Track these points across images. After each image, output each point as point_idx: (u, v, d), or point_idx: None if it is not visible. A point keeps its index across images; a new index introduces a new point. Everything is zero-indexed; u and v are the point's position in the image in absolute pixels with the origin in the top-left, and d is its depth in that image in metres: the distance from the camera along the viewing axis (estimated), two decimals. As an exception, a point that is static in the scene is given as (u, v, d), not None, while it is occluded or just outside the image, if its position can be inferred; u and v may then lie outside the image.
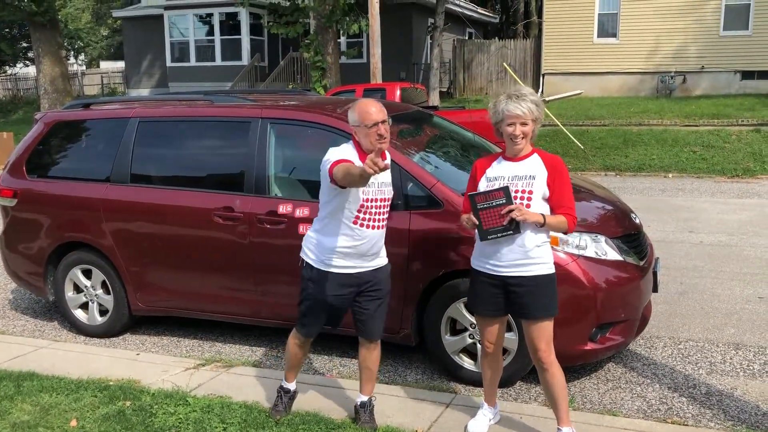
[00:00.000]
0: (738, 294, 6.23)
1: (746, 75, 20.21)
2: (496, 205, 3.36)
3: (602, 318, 4.29)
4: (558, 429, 3.59)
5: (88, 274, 5.61)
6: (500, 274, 3.49)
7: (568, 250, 4.25)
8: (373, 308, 3.79)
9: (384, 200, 3.71)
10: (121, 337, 5.67)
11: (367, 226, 3.65)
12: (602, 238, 4.42)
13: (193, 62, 25.33)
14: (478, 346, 4.33)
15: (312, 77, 19.28)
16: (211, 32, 25.25)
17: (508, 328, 4.22)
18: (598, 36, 21.52)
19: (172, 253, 5.19)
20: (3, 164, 9.28)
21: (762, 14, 19.78)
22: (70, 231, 5.54)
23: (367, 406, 3.94)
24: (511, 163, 3.51)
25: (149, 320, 5.80)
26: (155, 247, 5.23)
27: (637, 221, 5.07)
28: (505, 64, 20.75)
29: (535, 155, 3.50)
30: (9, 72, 39.97)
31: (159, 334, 5.72)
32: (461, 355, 4.53)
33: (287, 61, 23.60)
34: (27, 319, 6.26)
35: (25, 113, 29.31)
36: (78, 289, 5.68)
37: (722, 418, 4.05)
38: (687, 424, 3.97)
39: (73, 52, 45.32)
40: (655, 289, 4.85)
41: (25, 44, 34.99)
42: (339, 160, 3.50)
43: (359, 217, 3.64)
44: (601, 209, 5.00)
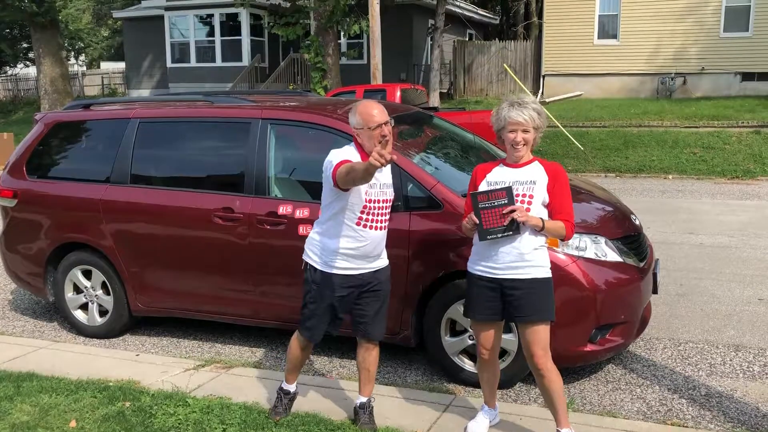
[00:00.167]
0: (738, 295, 6.22)
1: (746, 76, 20.22)
2: (497, 205, 3.37)
3: (602, 319, 4.29)
4: (557, 431, 3.59)
5: (88, 274, 5.62)
6: (497, 277, 3.50)
7: (568, 251, 4.26)
8: (374, 309, 3.80)
9: (386, 201, 3.72)
10: (121, 337, 5.67)
11: (370, 227, 3.66)
12: (602, 240, 4.42)
13: (194, 63, 25.34)
14: (478, 347, 4.33)
15: (312, 78, 19.29)
16: (211, 33, 25.25)
17: (508, 330, 4.22)
18: (599, 37, 21.53)
19: (172, 254, 5.19)
20: (3, 165, 9.28)
21: (762, 16, 19.79)
22: (70, 232, 5.55)
23: (366, 407, 3.94)
24: (512, 168, 3.54)
25: (149, 321, 5.80)
26: (155, 248, 5.23)
27: (637, 223, 5.07)
28: (505, 65, 20.73)
29: (536, 162, 3.55)
30: (9, 72, 39.97)
31: (159, 334, 5.72)
32: (461, 356, 4.53)
33: (287, 62, 23.60)
34: (27, 320, 6.26)
35: (26, 114, 29.33)
36: (78, 289, 5.68)
37: (722, 420, 4.05)
38: (687, 426, 3.97)
39: (73, 53, 45.34)
40: (654, 291, 4.85)
41: (26, 45, 35.00)
42: (341, 162, 3.50)
43: (362, 218, 3.64)
44: (601, 211, 5.00)
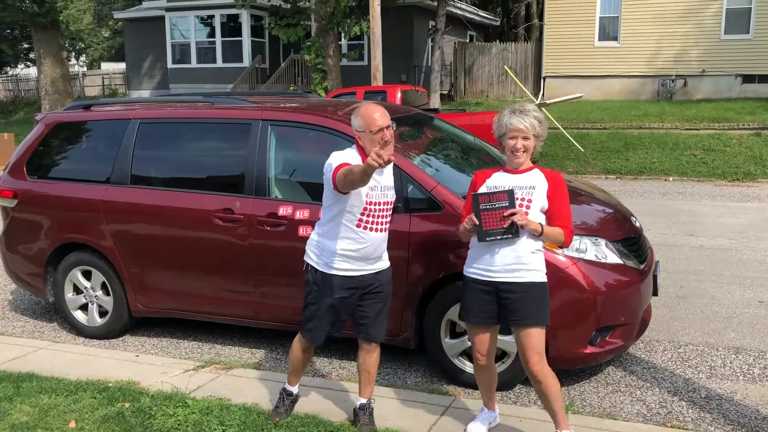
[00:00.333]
0: (738, 298, 6.22)
1: (747, 79, 20.22)
2: (498, 207, 3.39)
3: (602, 321, 4.29)
4: (556, 432, 3.60)
5: (87, 275, 5.61)
6: (493, 280, 3.51)
7: (568, 253, 4.25)
8: (375, 311, 3.79)
9: (387, 203, 3.71)
10: (121, 338, 5.67)
11: (370, 229, 3.66)
12: (602, 242, 4.42)
13: (194, 64, 25.34)
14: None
15: (313, 79, 19.30)
16: (212, 34, 25.26)
17: (508, 332, 4.21)
18: (599, 39, 21.54)
19: (172, 255, 5.19)
20: (3, 165, 9.28)
21: (763, 18, 19.80)
22: (70, 232, 5.54)
23: (366, 408, 3.94)
24: (512, 174, 3.57)
25: (149, 322, 5.80)
26: (155, 249, 5.23)
27: (638, 225, 5.07)
28: (506, 67, 20.75)
29: (535, 169, 3.58)
30: (10, 73, 40.00)
31: (158, 335, 5.72)
32: (461, 358, 4.53)
33: (288, 63, 23.61)
34: (26, 320, 6.26)
35: (26, 114, 29.35)
36: (78, 290, 5.68)
37: (722, 422, 4.04)
38: (687, 428, 3.97)
39: (74, 54, 45.37)
40: (655, 293, 4.84)
41: (27, 45, 35.01)
42: (341, 165, 3.51)
43: (362, 220, 3.64)
44: (602, 213, 5.00)
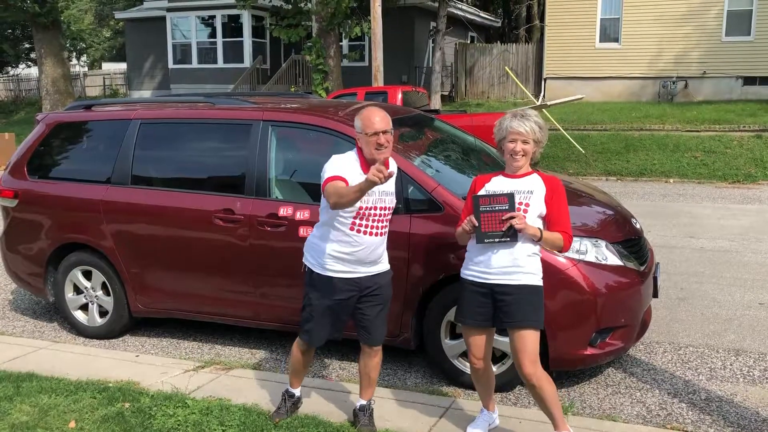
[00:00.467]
0: (738, 300, 6.22)
1: (748, 81, 20.22)
2: (498, 209, 3.39)
3: (602, 323, 4.29)
4: (555, 434, 3.60)
5: (88, 275, 5.61)
6: (488, 282, 3.52)
7: (569, 254, 4.25)
8: (374, 314, 3.78)
9: (384, 209, 3.68)
10: (121, 338, 5.67)
11: (364, 233, 3.64)
12: (603, 243, 4.42)
13: (195, 64, 25.35)
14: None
15: (314, 80, 19.29)
16: (213, 34, 25.28)
17: (506, 333, 4.21)
18: (600, 41, 21.54)
19: (173, 255, 5.19)
20: (4, 165, 9.28)
21: (764, 20, 19.79)
22: (70, 232, 5.55)
23: (366, 409, 3.94)
24: (511, 179, 3.58)
25: (149, 322, 5.80)
26: (155, 249, 5.23)
27: (638, 226, 5.07)
28: (506, 68, 20.74)
29: (534, 174, 3.59)
30: (11, 73, 40.04)
31: (158, 335, 5.72)
32: (461, 359, 4.53)
33: (289, 64, 23.62)
34: (27, 320, 6.26)
35: (27, 114, 29.36)
36: (78, 290, 5.68)
37: (722, 425, 4.04)
38: (686, 430, 3.97)
39: (75, 54, 45.43)
40: (655, 295, 4.84)
41: (28, 45, 35.09)
42: (332, 177, 3.50)
43: (356, 223, 3.62)
44: (602, 214, 5.01)
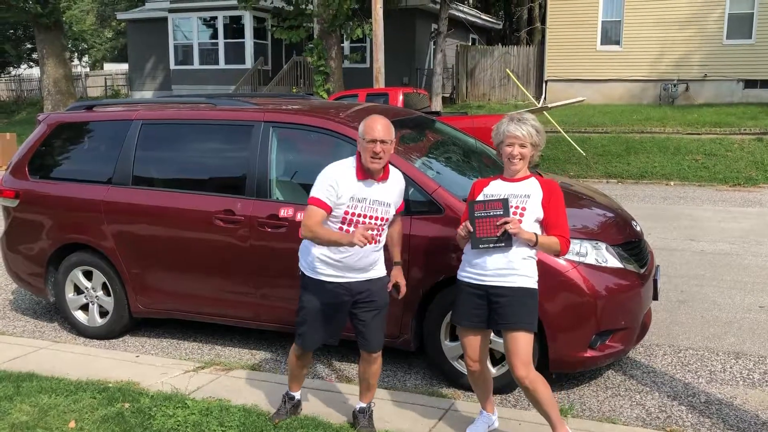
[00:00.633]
0: (739, 303, 6.22)
1: (749, 84, 20.21)
2: (493, 215, 3.43)
3: (602, 325, 4.29)
4: (554, 435, 3.60)
5: (88, 275, 5.62)
6: (484, 283, 3.54)
7: (569, 257, 4.25)
8: (369, 319, 3.76)
9: (375, 218, 3.65)
10: (121, 339, 5.67)
11: None
12: (603, 246, 4.42)
13: (197, 65, 25.37)
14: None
15: (315, 81, 19.31)
16: (215, 35, 25.30)
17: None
18: (601, 43, 21.53)
19: (173, 256, 5.19)
20: (6, 165, 9.29)
21: (765, 23, 19.78)
22: (71, 232, 5.55)
23: (366, 411, 3.94)
24: (509, 183, 3.61)
25: (149, 322, 5.80)
26: (156, 250, 5.24)
27: (638, 229, 5.07)
28: (508, 70, 20.76)
29: (532, 178, 3.61)
30: (13, 73, 40.08)
31: (159, 336, 5.72)
32: (461, 360, 4.52)
33: (290, 65, 23.64)
34: (27, 320, 6.26)
35: (29, 114, 29.38)
36: (78, 290, 5.69)
37: (721, 427, 4.04)
38: (686, 433, 3.97)
39: (77, 54, 45.49)
40: (655, 297, 4.84)
41: (30, 45, 35.12)
42: (316, 201, 3.58)
43: (343, 228, 3.62)
44: (602, 217, 5.01)
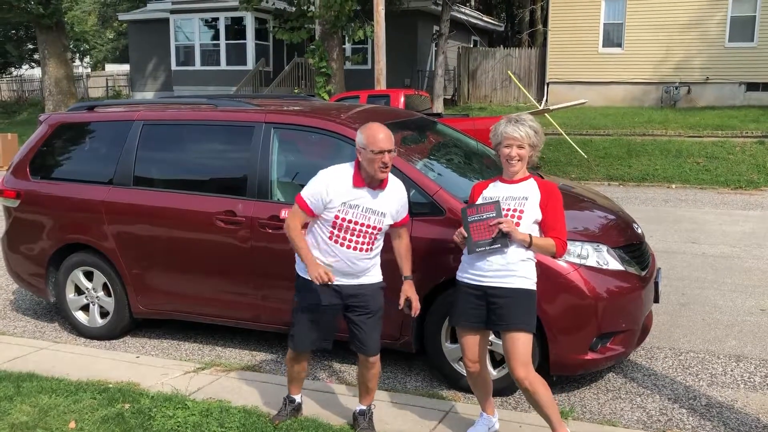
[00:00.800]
0: (740, 306, 6.21)
1: (751, 87, 20.20)
2: (486, 218, 3.46)
3: (603, 328, 4.28)
4: (553, 437, 3.60)
5: (89, 276, 5.62)
6: (482, 284, 3.54)
7: (570, 259, 4.25)
8: (363, 322, 3.76)
9: (368, 226, 3.65)
10: (122, 339, 5.67)
11: (341, 244, 3.64)
12: (604, 248, 4.42)
13: (198, 66, 25.40)
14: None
15: (316, 83, 19.31)
16: (216, 36, 25.33)
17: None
18: (603, 45, 21.53)
19: (174, 256, 5.19)
20: (7, 165, 9.30)
21: (767, 26, 19.78)
22: (72, 233, 5.55)
23: (366, 413, 3.94)
24: (507, 184, 3.61)
25: (150, 323, 5.80)
26: (157, 250, 5.24)
27: (640, 231, 5.07)
28: (509, 72, 20.77)
29: (531, 179, 3.61)
30: (14, 73, 40.13)
31: (159, 337, 5.72)
32: (461, 363, 4.50)
33: (292, 67, 23.65)
34: (28, 320, 6.27)
35: (30, 115, 29.40)
36: (79, 290, 5.69)
37: (722, 431, 4.03)
38: (687, 436, 3.96)
39: (78, 55, 45.53)
40: (656, 300, 4.84)
41: (31, 46, 35.15)
42: (302, 202, 3.64)
43: (333, 233, 3.65)
44: (604, 219, 5.00)
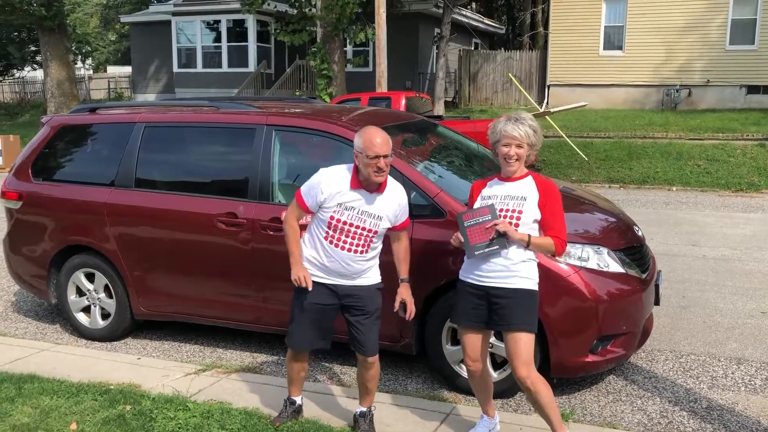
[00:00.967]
0: (740, 308, 6.21)
1: (752, 89, 20.20)
2: (482, 221, 3.48)
3: (603, 330, 4.29)
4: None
5: (91, 277, 5.63)
6: (484, 284, 3.55)
7: (571, 261, 4.25)
8: (359, 323, 3.78)
9: (364, 229, 3.67)
10: (123, 341, 5.68)
11: (336, 245, 3.67)
12: (604, 250, 4.42)
13: (200, 68, 25.44)
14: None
15: (318, 85, 19.32)
16: (218, 39, 25.37)
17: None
18: (604, 48, 21.54)
19: (175, 258, 5.20)
20: (9, 167, 9.31)
21: (768, 29, 19.81)
22: (73, 234, 5.56)
23: (366, 415, 3.94)
24: (505, 183, 3.61)
25: (151, 325, 5.81)
26: (158, 252, 5.25)
27: (640, 234, 5.07)
28: (510, 74, 20.77)
29: (529, 177, 3.60)
30: (17, 75, 40.17)
31: (160, 338, 5.73)
32: (462, 364, 4.51)
33: (293, 69, 23.68)
34: (29, 322, 6.27)
35: (32, 116, 29.41)
36: (81, 292, 5.70)
37: (723, 433, 4.04)
38: (687, 439, 3.96)
39: (80, 57, 45.59)
40: (657, 302, 4.84)
41: (34, 48, 35.21)
42: (300, 199, 3.74)
43: (329, 233, 3.69)
44: (604, 221, 5.00)
